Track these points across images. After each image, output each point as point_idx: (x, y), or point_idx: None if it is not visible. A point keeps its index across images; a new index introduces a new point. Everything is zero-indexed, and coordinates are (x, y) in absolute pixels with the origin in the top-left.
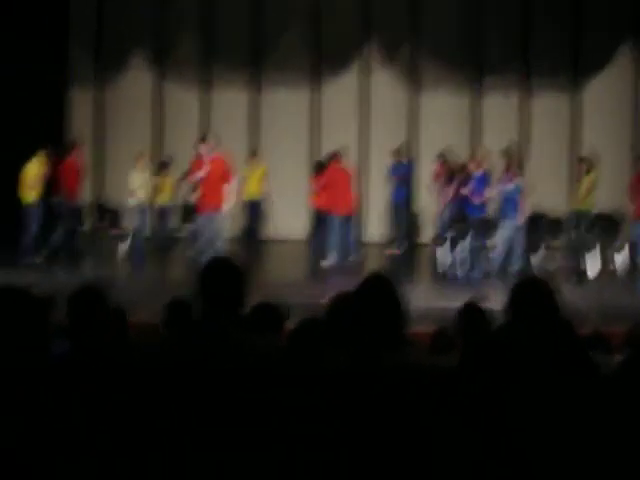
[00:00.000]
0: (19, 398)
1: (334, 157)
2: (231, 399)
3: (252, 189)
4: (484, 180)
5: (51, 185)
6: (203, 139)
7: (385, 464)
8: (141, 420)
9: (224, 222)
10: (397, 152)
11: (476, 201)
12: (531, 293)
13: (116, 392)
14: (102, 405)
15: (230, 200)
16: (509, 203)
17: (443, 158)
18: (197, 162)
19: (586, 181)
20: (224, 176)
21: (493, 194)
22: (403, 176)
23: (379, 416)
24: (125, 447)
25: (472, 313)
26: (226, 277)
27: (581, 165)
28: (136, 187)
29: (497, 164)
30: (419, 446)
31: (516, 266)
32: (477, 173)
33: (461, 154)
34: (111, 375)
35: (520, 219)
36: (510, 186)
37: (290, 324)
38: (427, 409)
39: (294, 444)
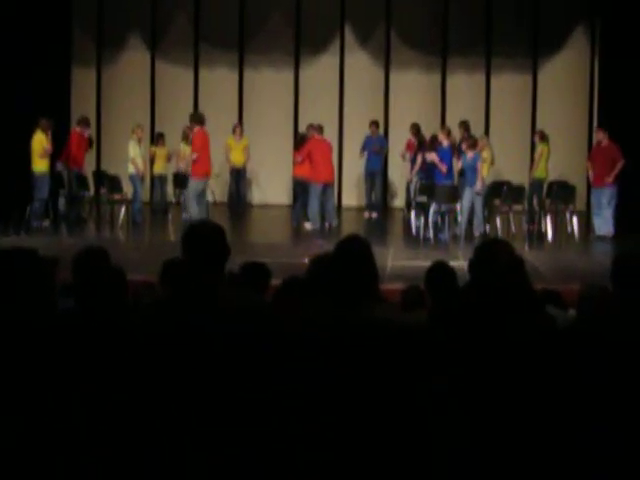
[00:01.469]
0: (28, 350)
1: (314, 130)
2: (221, 354)
3: (237, 158)
4: (450, 151)
5: (56, 154)
6: (198, 120)
7: (365, 414)
8: (138, 374)
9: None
10: (372, 125)
11: (443, 170)
12: (493, 253)
13: (115, 345)
14: (103, 357)
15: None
16: (470, 172)
17: (415, 130)
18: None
19: (538, 150)
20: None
21: (459, 165)
22: (378, 147)
23: (359, 366)
24: (123, 398)
25: (439, 272)
26: (206, 238)
27: (537, 136)
28: (133, 156)
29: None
30: (394, 394)
31: (479, 229)
32: (444, 144)
33: (429, 127)
34: (110, 329)
35: (478, 186)
36: (470, 155)
37: (275, 281)
38: (398, 360)
39: (279, 400)
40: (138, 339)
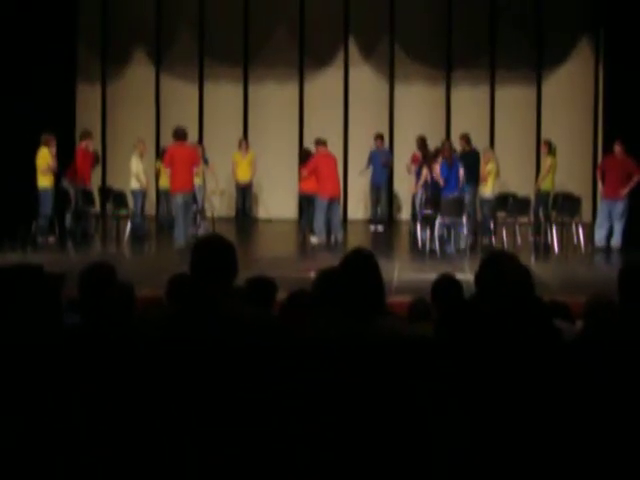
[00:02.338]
0: (34, 365)
1: (319, 145)
2: (226, 367)
3: (243, 173)
4: (445, 165)
5: (61, 170)
6: (175, 135)
7: (374, 428)
8: (143, 389)
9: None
10: (377, 139)
11: (440, 182)
12: (499, 265)
13: (122, 361)
14: (110, 372)
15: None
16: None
17: (421, 143)
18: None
19: (547, 162)
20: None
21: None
22: (383, 160)
23: (367, 381)
24: (129, 412)
25: (446, 284)
26: (215, 253)
27: (544, 147)
28: (137, 171)
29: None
30: (402, 408)
31: (484, 240)
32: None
33: (433, 140)
34: (117, 344)
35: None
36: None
37: (281, 295)
38: (405, 371)
39: (288, 411)
40: (145, 354)
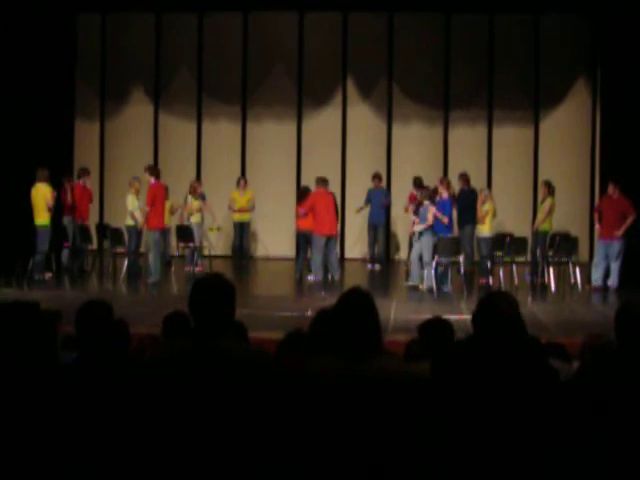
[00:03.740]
0: (30, 402)
1: (318, 183)
2: (227, 404)
3: (241, 211)
4: (450, 202)
5: (59, 207)
6: (152, 173)
7: (367, 464)
8: (139, 423)
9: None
10: (375, 178)
11: (444, 221)
12: (495, 305)
13: (118, 396)
14: (104, 409)
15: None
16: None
17: (417, 183)
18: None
19: (547, 203)
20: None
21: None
22: (384, 201)
23: (360, 420)
24: (125, 447)
25: (436, 325)
26: (215, 291)
27: (544, 188)
28: (132, 210)
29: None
30: (395, 446)
31: (482, 279)
32: (444, 196)
33: (431, 179)
34: (112, 382)
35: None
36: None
37: (278, 335)
38: (403, 411)
39: (285, 445)
40: (145, 391)
